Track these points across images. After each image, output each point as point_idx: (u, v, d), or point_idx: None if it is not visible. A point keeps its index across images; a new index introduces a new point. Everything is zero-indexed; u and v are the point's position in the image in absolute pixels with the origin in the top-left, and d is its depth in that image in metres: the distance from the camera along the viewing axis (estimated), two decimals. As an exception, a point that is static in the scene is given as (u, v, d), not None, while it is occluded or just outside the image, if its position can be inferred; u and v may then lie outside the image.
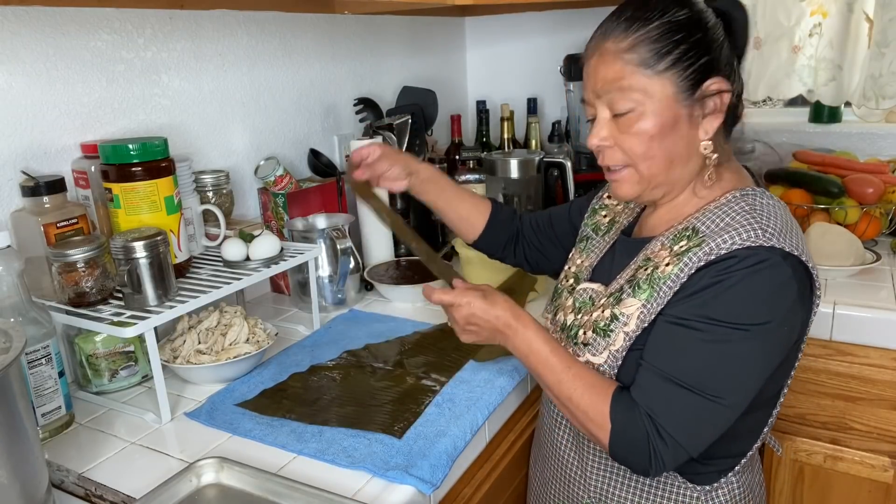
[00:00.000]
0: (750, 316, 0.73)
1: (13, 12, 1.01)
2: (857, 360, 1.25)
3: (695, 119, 0.79)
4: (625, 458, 0.78)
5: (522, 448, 1.11)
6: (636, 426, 0.75)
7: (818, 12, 1.77)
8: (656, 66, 0.77)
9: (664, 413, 0.74)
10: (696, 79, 0.77)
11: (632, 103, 0.78)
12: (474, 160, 1.88)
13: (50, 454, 0.89)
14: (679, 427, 0.74)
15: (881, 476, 1.28)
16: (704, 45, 0.77)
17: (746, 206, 0.78)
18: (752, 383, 0.76)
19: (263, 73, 1.47)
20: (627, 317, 0.80)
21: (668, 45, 0.77)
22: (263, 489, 0.79)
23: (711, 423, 0.76)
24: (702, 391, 0.74)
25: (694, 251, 0.76)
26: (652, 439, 0.75)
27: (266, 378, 1.07)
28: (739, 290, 0.73)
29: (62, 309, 0.96)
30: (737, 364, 0.74)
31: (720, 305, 0.73)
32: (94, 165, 1.07)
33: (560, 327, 0.91)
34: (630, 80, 0.78)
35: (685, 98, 0.78)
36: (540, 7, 1.87)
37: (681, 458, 0.76)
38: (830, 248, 1.35)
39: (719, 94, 0.78)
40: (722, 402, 0.74)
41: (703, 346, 0.74)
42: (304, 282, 1.30)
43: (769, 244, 0.73)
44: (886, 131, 1.78)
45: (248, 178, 1.47)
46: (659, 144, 0.79)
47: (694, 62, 0.77)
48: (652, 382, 0.76)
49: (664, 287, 0.78)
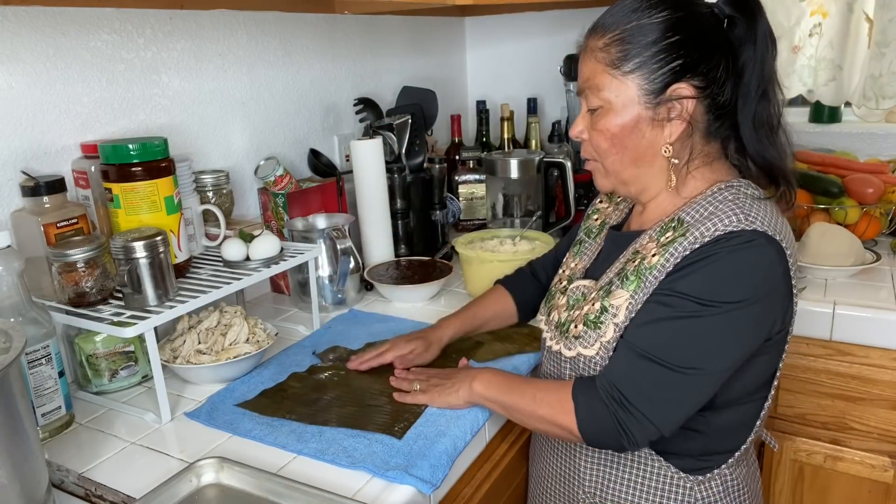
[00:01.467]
0: (723, 293, 0.73)
1: (13, 12, 1.01)
2: (857, 360, 1.25)
3: (658, 122, 0.80)
4: (596, 436, 0.79)
5: (522, 448, 1.11)
6: (598, 400, 0.77)
7: (818, 12, 1.77)
8: (623, 66, 0.80)
9: (626, 383, 0.75)
10: (663, 82, 0.79)
11: (599, 101, 0.82)
12: (474, 160, 1.88)
13: (50, 454, 0.89)
14: (642, 397, 0.75)
15: (881, 476, 1.28)
16: (676, 49, 0.78)
17: (730, 196, 0.79)
18: (721, 359, 0.76)
19: (263, 73, 1.47)
20: (617, 308, 0.82)
21: (637, 48, 0.79)
22: (263, 489, 0.79)
23: (677, 394, 0.76)
24: (666, 362, 0.74)
25: (679, 241, 0.78)
26: (617, 412, 0.75)
27: (266, 378, 1.07)
28: (716, 268, 0.74)
29: (62, 309, 0.96)
30: (705, 338, 0.74)
31: (694, 282, 0.74)
32: (94, 165, 1.07)
33: (554, 325, 0.92)
34: (600, 78, 0.82)
35: (648, 101, 0.80)
36: (540, 7, 1.87)
37: (650, 432, 0.76)
38: (830, 248, 1.35)
39: (681, 101, 0.79)
40: (687, 373, 0.74)
41: (672, 321, 0.75)
42: (304, 282, 1.30)
43: (751, 227, 0.74)
44: (886, 131, 1.78)
45: (248, 178, 1.47)
46: (621, 143, 0.82)
47: (661, 66, 0.78)
48: (619, 354, 0.78)
49: (650, 277, 0.79)
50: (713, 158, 0.84)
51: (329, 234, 1.31)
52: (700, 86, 0.79)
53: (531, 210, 1.66)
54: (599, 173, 0.88)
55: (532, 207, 1.67)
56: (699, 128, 0.81)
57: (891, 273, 1.37)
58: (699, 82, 0.78)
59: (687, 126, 0.80)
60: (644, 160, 0.83)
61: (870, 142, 1.79)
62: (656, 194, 0.86)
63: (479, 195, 1.86)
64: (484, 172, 1.76)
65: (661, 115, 0.80)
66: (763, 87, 0.80)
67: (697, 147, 0.82)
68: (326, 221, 1.41)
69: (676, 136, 0.81)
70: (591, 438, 0.80)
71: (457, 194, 1.86)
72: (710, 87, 0.79)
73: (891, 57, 1.69)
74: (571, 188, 1.62)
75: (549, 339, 0.93)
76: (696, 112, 0.80)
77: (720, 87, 0.79)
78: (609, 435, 0.77)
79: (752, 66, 0.79)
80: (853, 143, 1.79)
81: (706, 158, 0.83)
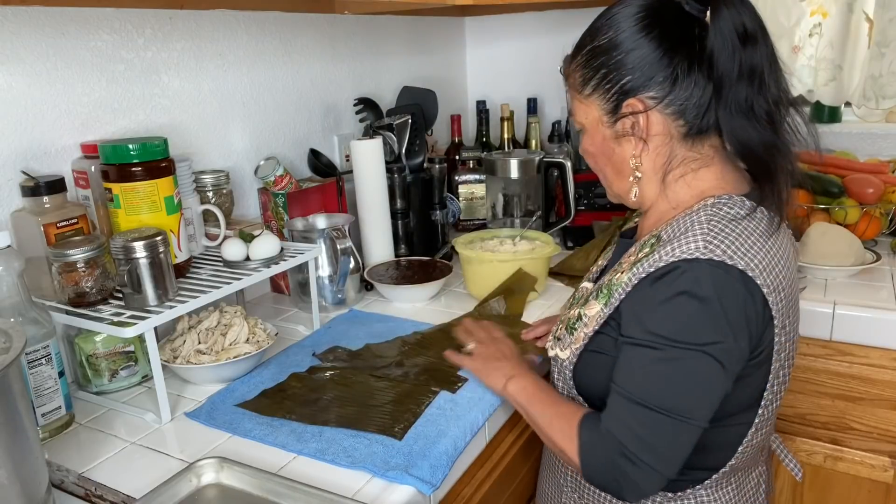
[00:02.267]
0: (698, 335, 0.72)
1: (13, 12, 1.01)
2: (857, 360, 1.25)
3: (624, 138, 0.82)
4: (598, 481, 0.78)
5: (522, 448, 1.11)
6: (603, 444, 0.76)
7: (818, 12, 1.77)
8: (584, 90, 0.84)
9: (628, 434, 0.74)
10: (615, 101, 0.80)
11: (578, 125, 0.88)
12: (474, 160, 1.88)
13: (50, 454, 0.89)
14: (643, 447, 0.74)
15: (881, 476, 1.28)
16: (622, 66, 0.78)
17: (704, 216, 0.77)
18: (712, 398, 0.75)
19: (263, 73, 1.47)
20: (588, 318, 0.84)
21: (590, 71, 0.82)
22: (263, 489, 0.79)
23: (677, 441, 0.75)
24: (662, 409, 0.73)
25: (643, 261, 0.77)
26: (619, 460, 0.74)
27: (266, 378, 1.07)
28: (679, 308, 0.72)
29: (62, 309, 0.96)
30: (693, 381, 0.73)
31: (665, 321, 0.73)
32: (94, 165, 1.07)
33: (559, 322, 0.94)
34: (573, 104, 0.87)
35: (608, 120, 0.82)
36: (540, 7, 1.87)
37: (654, 479, 0.75)
38: (830, 248, 1.35)
39: (634, 116, 0.79)
40: (686, 421, 0.73)
41: (658, 365, 0.74)
42: (304, 282, 1.30)
43: (707, 256, 0.72)
44: (886, 131, 1.78)
45: (248, 178, 1.47)
46: (600, 161, 0.88)
47: (612, 85, 0.80)
48: (616, 403, 0.77)
49: (616, 294, 0.80)
50: (703, 164, 0.81)
51: (329, 234, 1.31)
52: (656, 96, 0.78)
53: (531, 210, 1.66)
54: (604, 187, 0.92)
55: (532, 207, 1.67)
56: (674, 134, 0.80)
57: (891, 273, 1.37)
58: (655, 92, 0.77)
59: (642, 142, 0.81)
60: (624, 173, 0.85)
61: (870, 142, 1.79)
62: (652, 203, 0.86)
63: (479, 195, 1.86)
64: (484, 172, 1.76)
65: (623, 132, 0.82)
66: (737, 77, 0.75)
67: (679, 153, 0.81)
68: (326, 221, 1.41)
69: (641, 149, 0.82)
70: (591, 476, 0.78)
71: (457, 194, 1.86)
72: (671, 92, 0.77)
73: (891, 57, 1.69)
74: (571, 188, 1.62)
75: (551, 333, 0.95)
76: (656, 122, 0.79)
77: (686, 89, 0.77)
78: (610, 479, 0.76)
79: (720, 56, 0.74)
80: (853, 143, 1.79)
81: (693, 164, 0.81)
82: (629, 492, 0.75)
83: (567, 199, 1.63)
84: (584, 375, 0.85)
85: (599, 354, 0.83)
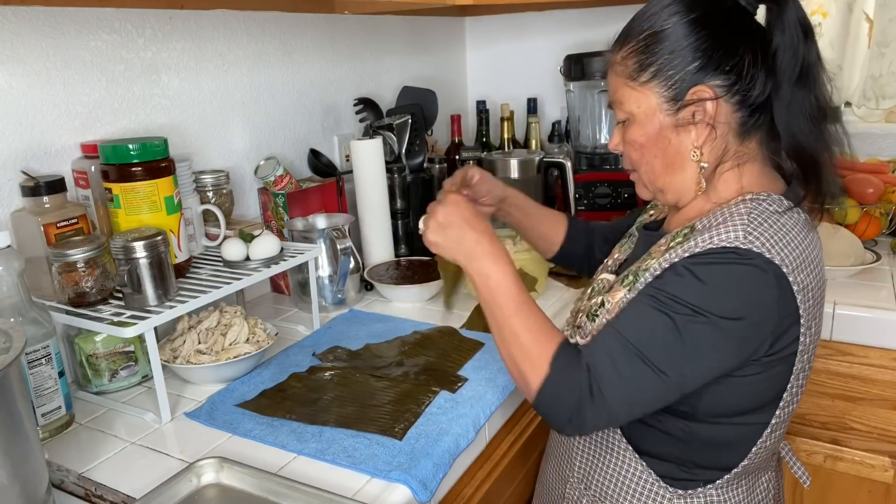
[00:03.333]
0: (713, 304, 0.72)
1: (13, 12, 1.01)
2: (857, 360, 1.25)
3: (683, 128, 0.79)
4: (546, 411, 0.77)
5: (522, 448, 1.11)
6: (575, 380, 0.74)
7: (818, 12, 1.77)
8: (640, 77, 0.80)
9: (606, 369, 0.73)
10: (682, 87, 0.77)
11: (625, 114, 0.83)
12: (474, 160, 1.88)
13: (50, 454, 0.89)
14: (614, 387, 0.73)
15: (881, 476, 1.28)
16: (691, 51, 0.76)
17: (744, 209, 0.77)
18: (698, 370, 0.74)
19: (263, 73, 1.47)
20: (611, 304, 0.82)
21: (651, 56, 0.78)
22: (263, 489, 0.79)
23: (646, 394, 0.74)
24: (649, 360, 0.73)
25: (677, 248, 0.77)
26: (583, 396, 0.73)
27: (266, 378, 1.07)
28: (708, 277, 0.72)
29: (62, 309, 0.96)
30: (689, 345, 0.72)
31: (687, 287, 0.73)
32: (94, 165, 1.07)
33: (575, 311, 0.92)
34: (621, 92, 0.82)
35: (669, 108, 0.79)
36: (540, 7, 1.87)
37: (601, 420, 0.74)
38: (830, 248, 1.35)
39: (701, 103, 0.77)
40: (662, 375, 0.73)
41: (662, 321, 0.73)
42: (304, 282, 1.30)
43: (746, 247, 0.72)
44: (886, 131, 1.78)
45: (248, 178, 1.47)
46: (650, 153, 0.83)
47: (677, 71, 0.77)
48: (607, 336, 0.76)
49: (641, 279, 0.79)
50: (747, 160, 0.81)
51: (329, 234, 1.31)
52: (723, 84, 0.77)
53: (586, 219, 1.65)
54: (639, 183, 0.88)
55: (532, 207, 1.66)
56: (732, 126, 0.79)
57: (891, 273, 1.37)
58: (722, 80, 0.77)
59: (711, 129, 0.78)
60: (675, 166, 0.82)
61: (870, 142, 1.79)
62: (691, 200, 0.84)
63: (479, 195, 1.85)
64: (484, 172, 1.76)
65: (684, 120, 0.79)
66: (798, 74, 0.76)
67: (732, 147, 0.80)
68: (326, 221, 1.41)
69: (703, 139, 0.79)
70: (543, 405, 0.76)
71: (457, 194, 1.85)
72: (737, 83, 0.77)
73: (891, 57, 1.69)
74: (571, 188, 1.62)
75: (566, 324, 0.94)
76: (721, 112, 0.78)
77: (749, 82, 0.77)
78: (561, 413, 0.75)
79: (784, 52, 0.76)
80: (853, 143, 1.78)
81: (739, 159, 0.81)
82: (574, 427, 0.75)
83: (567, 199, 1.63)
84: None
85: None
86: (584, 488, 0.91)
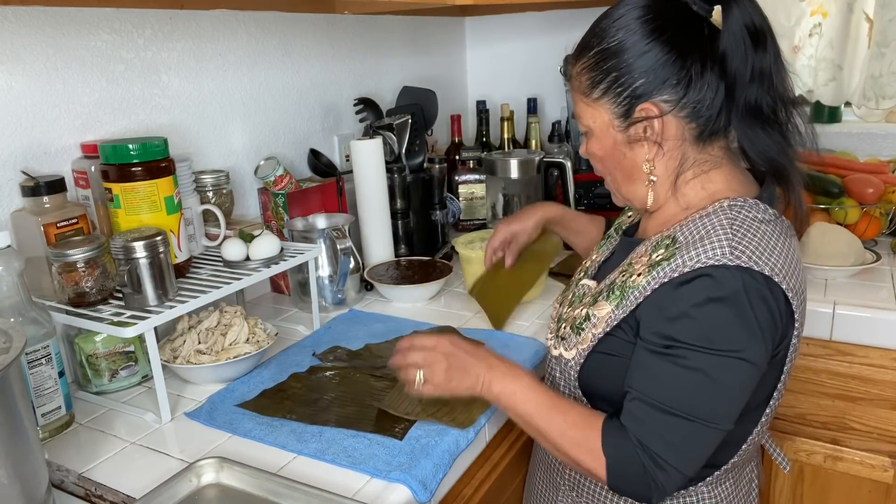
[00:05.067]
0: (732, 340, 0.72)
1: (13, 12, 1.01)
2: (857, 360, 1.25)
3: (635, 142, 0.80)
4: (625, 490, 0.77)
5: (522, 448, 1.11)
6: (631, 457, 0.74)
7: (818, 12, 1.77)
8: (592, 94, 0.81)
9: (660, 443, 0.74)
10: (628, 105, 0.78)
11: (584, 127, 0.85)
12: (474, 160, 1.88)
13: (50, 454, 0.89)
14: (677, 454, 0.74)
15: (881, 476, 1.28)
16: (638, 69, 0.76)
17: (725, 220, 0.76)
18: (740, 400, 0.75)
19: (263, 73, 1.47)
20: (598, 318, 0.82)
21: (599, 74, 0.79)
22: (263, 489, 0.79)
23: (706, 446, 0.75)
24: (696, 418, 0.73)
25: (663, 265, 0.76)
26: (649, 469, 0.74)
27: (266, 378, 1.07)
28: (710, 315, 0.71)
29: (62, 309, 0.96)
30: (725, 387, 0.73)
31: (691, 329, 0.72)
32: (94, 165, 1.07)
33: (557, 318, 0.93)
34: (578, 107, 0.84)
35: (619, 124, 0.80)
36: (540, 7, 1.87)
37: (679, 481, 0.75)
38: (830, 248, 1.34)
39: (648, 121, 0.77)
40: (714, 426, 0.73)
41: (692, 377, 0.73)
42: (304, 282, 1.30)
43: (734, 263, 0.71)
44: (886, 131, 1.78)
45: (248, 178, 1.47)
46: (609, 164, 0.85)
47: (624, 89, 0.77)
48: (643, 412, 0.75)
49: (631, 297, 0.78)
50: (711, 166, 0.81)
51: (329, 234, 1.31)
52: (671, 98, 0.76)
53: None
54: (610, 191, 0.90)
55: (532, 207, 1.66)
56: (687, 137, 0.79)
57: (891, 273, 1.37)
58: (670, 95, 0.76)
59: (657, 146, 0.79)
60: (634, 178, 0.83)
61: (870, 142, 1.79)
62: (661, 205, 0.85)
63: (479, 195, 1.86)
64: (484, 172, 1.76)
65: (636, 136, 0.79)
66: (752, 76, 0.75)
67: (691, 156, 0.80)
68: (326, 221, 1.41)
69: (655, 154, 0.80)
70: (620, 489, 0.77)
71: (457, 194, 1.86)
72: (685, 95, 0.76)
73: (891, 57, 1.69)
74: (571, 188, 1.62)
75: (548, 331, 0.94)
76: (670, 126, 0.78)
77: (699, 92, 0.76)
78: (639, 489, 0.75)
79: (733, 56, 0.74)
80: (853, 143, 1.79)
81: (704, 166, 0.81)
82: (657, 496, 0.75)
83: (567, 199, 1.63)
84: (591, 376, 0.84)
85: (609, 356, 0.81)
86: (577, 496, 0.92)
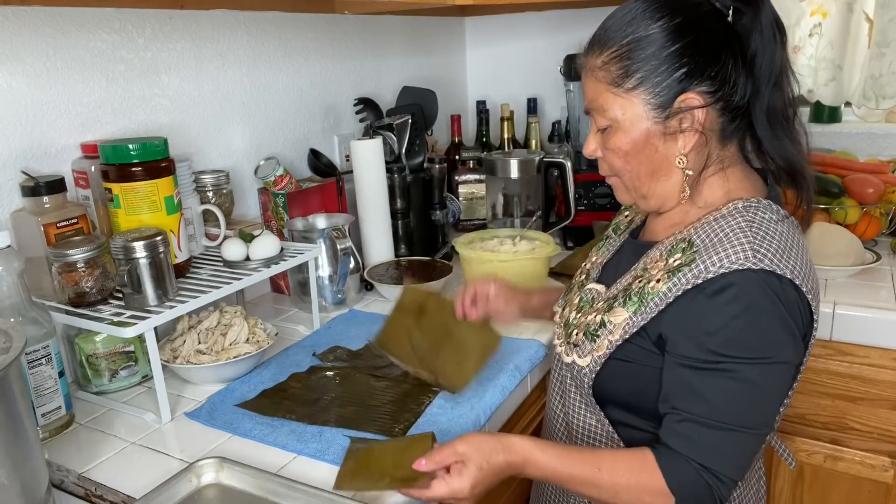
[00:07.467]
0: (769, 348, 0.72)
1: (13, 12, 1.01)
2: (857, 360, 1.25)
3: (670, 134, 0.78)
4: None
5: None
6: (695, 481, 0.74)
7: (818, 12, 1.77)
8: (625, 84, 0.77)
9: (719, 460, 0.74)
10: (670, 94, 0.76)
11: (607, 121, 0.80)
12: (474, 160, 1.88)
13: (50, 454, 0.89)
14: (735, 466, 0.75)
15: (881, 476, 1.28)
16: (678, 57, 0.75)
17: (743, 222, 0.75)
18: (781, 400, 0.77)
19: (263, 73, 1.47)
20: (614, 325, 0.80)
21: (637, 63, 0.76)
22: (263, 489, 0.79)
23: (755, 452, 0.77)
24: (748, 429, 0.74)
25: (684, 270, 0.75)
26: (714, 488, 0.74)
27: (266, 378, 1.07)
28: (751, 324, 0.71)
29: (62, 309, 0.96)
30: (772, 390, 0.75)
31: (738, 342, 0.72)
32: (94, 165, 1.07)
33: (564, 323, 0.91)
34: (604, 98, 0.80)
35: (656, 115, 0.77)
36: (540, 7, 1.87)
37: (732, 486, 0.76)
38: (830, 248, 1.34)
39: (690, 111, 0.76)
40: (762, 432, 0.76)
41: (737, 386, 0.72)
42: (304, 282, 1.30)
43: (759, 266, 0.71)
44: (886, 131, 1.78)
45: (248, 178, 1.47)
46: (635, 160, 0.81)
47: (665, 78, 0.75)
48: (697, 433, 0.74)
49: (651, 304, 0.77)
50: (728, 164, 0.81)
51: (329, 234, 1.31)
52: (709, 90, 0.76)
53: (531, 210, 1.66)
54: (619, 189, 0.86)
55: (532, 207, 1.66)
56: (715, 133, 0.78)
57: (891, 273, 1.37)
58: (708, 87, 0.75)
59: (700, 136, 0.77)
60: (660, 174, 0.81)
61: (870, 142, 1.79)
62: (674, 205, 0.84)
63: (479, 195, 1.86)
64: (484, 172, 1.76)
65: (673, 128, 0.77)
66: (775, 77, 0.76)
67: (715, 152, 0.79)
68: (326, 221, 1.41)
69: (691, 147, 0.78)
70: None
71: (457, 194, 1.86)
72: (721, 88, 0.76)
73: (891, 57, 1.69)
74: (571, 188, 1.62)
75: (555, 336, 0.93)
76: (708, 118, 0.77)
77: (732, 87, 0.76)
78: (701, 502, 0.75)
79: (762, 56, 0.76)
80: (853, 143, 1.79)
81: (721, 163, 0.80)
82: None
83: (567, 198, 1.63)
84: (607, 383, 0.82)
85: (627, 363, 0.80)
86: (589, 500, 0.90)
